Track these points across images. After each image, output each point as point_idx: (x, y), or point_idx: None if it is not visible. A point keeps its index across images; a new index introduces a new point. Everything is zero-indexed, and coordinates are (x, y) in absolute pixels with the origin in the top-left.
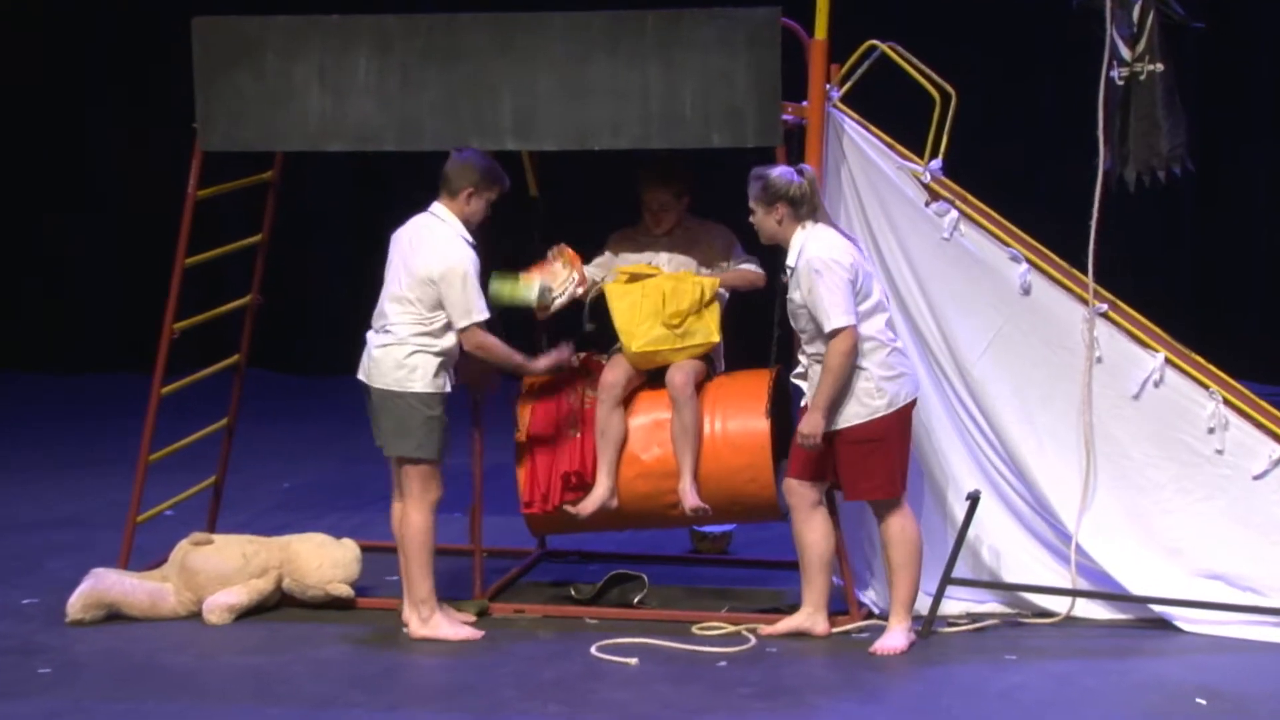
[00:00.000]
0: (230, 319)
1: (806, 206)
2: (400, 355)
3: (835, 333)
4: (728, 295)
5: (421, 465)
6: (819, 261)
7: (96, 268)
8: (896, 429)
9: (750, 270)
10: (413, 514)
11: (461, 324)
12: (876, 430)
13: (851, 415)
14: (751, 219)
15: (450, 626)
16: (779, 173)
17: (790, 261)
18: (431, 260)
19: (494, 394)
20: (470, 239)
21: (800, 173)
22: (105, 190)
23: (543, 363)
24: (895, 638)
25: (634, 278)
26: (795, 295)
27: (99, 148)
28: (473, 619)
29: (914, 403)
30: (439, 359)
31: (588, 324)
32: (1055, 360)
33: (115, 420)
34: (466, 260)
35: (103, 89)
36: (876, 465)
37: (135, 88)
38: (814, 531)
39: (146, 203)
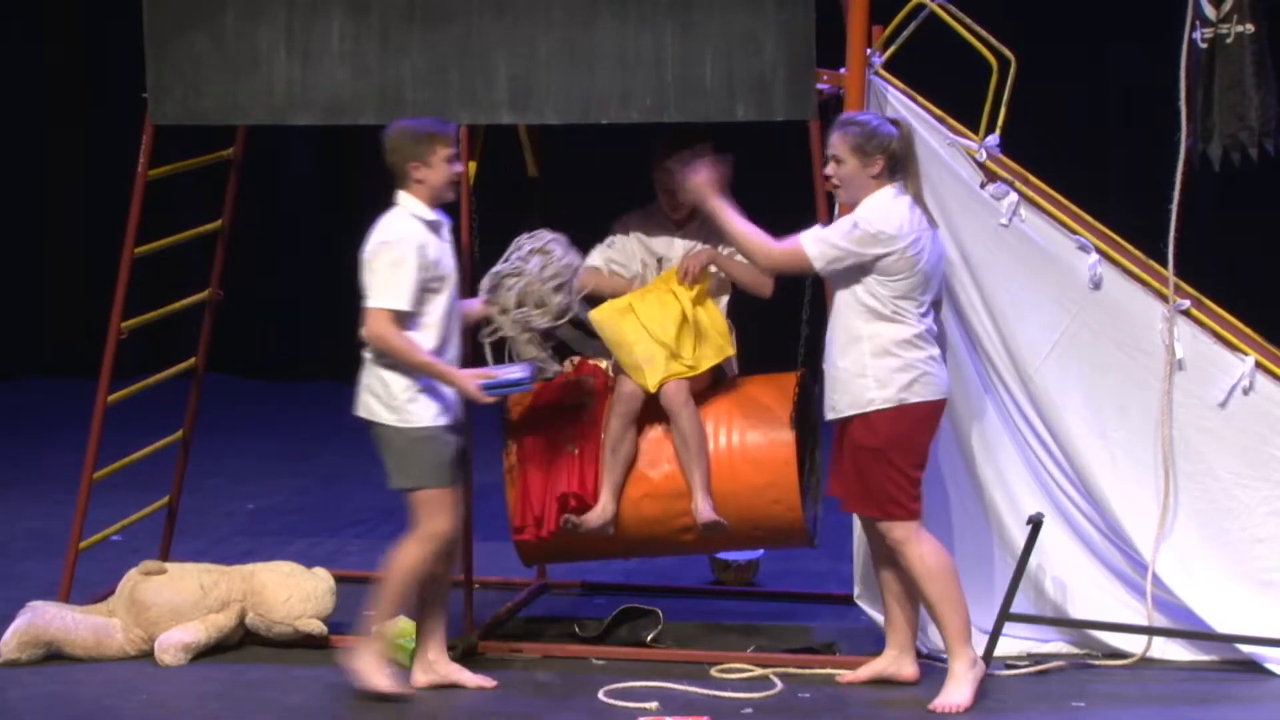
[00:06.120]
0: (186, 316)
1: (900, 166)
2: (368, 376)
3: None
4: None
5: (416, 494)
6: (866, 221)
7: (28, 257)
8: (901, 430)
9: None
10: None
11: (368, 304)
12: (876, 426)
13: (845, 404)
14: (833, 171)
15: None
16: (878, 121)
17: None
18: (367, 247)
19: None
20: (428, 217)
21: (895, 124)
22: (37, 167)
23: (457, 379)
24: (958, 691)
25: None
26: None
27: (27, 118)
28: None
29: (940, 405)
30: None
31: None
32: (1130, 364)
33: (52, 433)
34: (404, 236)
35: (35, 50)
36: (874, 474)
37: (72, 49)
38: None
39: (88, 183)
